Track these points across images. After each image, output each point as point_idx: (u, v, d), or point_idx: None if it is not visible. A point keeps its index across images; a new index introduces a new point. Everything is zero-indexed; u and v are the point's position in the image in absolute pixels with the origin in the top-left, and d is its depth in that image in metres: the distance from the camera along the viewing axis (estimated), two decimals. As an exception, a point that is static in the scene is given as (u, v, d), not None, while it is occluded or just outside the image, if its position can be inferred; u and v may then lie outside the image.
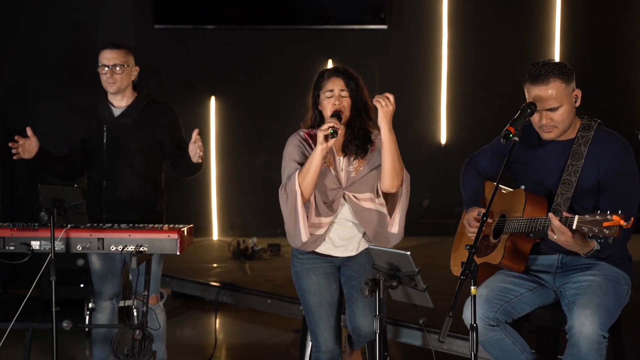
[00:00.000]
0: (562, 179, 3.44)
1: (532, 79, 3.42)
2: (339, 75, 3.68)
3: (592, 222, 3.06)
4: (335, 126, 3.50)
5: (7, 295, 6.76)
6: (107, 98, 4.35)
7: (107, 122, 4.31)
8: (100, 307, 4.38)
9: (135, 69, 4.35)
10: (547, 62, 3.43)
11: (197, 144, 4.09)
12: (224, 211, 8.24)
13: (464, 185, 3.86)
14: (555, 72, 3.38)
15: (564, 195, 3.42)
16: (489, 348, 3.46)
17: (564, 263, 3.51)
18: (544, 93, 3.38)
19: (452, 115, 8.26)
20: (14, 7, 7.60)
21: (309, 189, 3.59)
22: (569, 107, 3.41)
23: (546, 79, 3.37)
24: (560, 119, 3.40)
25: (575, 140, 3.46)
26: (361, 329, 3.70)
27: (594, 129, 3.47)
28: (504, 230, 3.51)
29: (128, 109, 4.32)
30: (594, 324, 3.22)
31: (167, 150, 4.36)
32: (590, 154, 3.42)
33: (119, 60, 4.25)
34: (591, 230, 3.07)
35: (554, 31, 8.15)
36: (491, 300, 3.43)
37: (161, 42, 8.00)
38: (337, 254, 3.77)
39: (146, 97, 4.38)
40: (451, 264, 3.84)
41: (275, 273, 6.56)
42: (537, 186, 3.52)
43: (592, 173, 3.41)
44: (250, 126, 8.21)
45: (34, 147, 4.18)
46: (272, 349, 5.48)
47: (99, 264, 4.31)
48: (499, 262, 3.48)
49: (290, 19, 8.11)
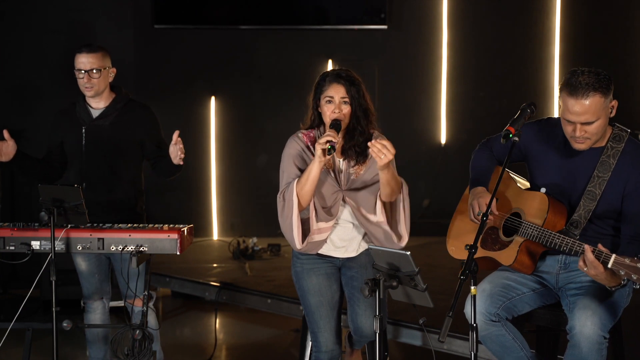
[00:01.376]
0: (587, 190, 3.36)
1: (571, 89, 3.26)
2: (340, 82, 3.64)
3: (630, 268, 3.00)
4: (333, 140, 3.49)
5: (7, 295, 6.76)
6: (84, 99, 4.32)
7: (85, 123, 4.28)
8: (91, 308, 4.37)
9: (112, 71, 4.31)
10: (588, 73, 3.27)
11: (179, 146, 4.07)
12: (224, 211, 8.24)
13: (473, 164, 3.73)
14: (596, 86, 3.24)
15: (586, 207, 3.35)
16: (489, 343, 3.45)
17: (566, 264, 3.50)
18: (581, 108, 3.24)
19: (452, 115, 8.26)
20: (14, 7, 7.60)
21: (306, 198, 3.60)
22: (605, 119, 3.32)
23: (586, 93, 3.23)
24: (595, 131, 3.30)
25: (604, 151, 3.37)
26: (363, 330, 3.70)
27: (625, 140, 3.38)
28: (519, 232, 3.46)
29: (106, 110, 4.29)
30: (595, 324, 3.21)
31: (146, 150, 4.33)
32: (618, 167, 3.34)
33: (96, 65, 4.21)
34: (628, 275, 3.01)
35: (554, 31, 8.15)
36: (494, 296, 3.43)
37: (161, 42, 8.00)
38: (337, 255, 3.76)
39: (124, 98, 4.35)
40: (448, 243, 3.79)
41: (275, 273, 6.56)
42: (556, 191, 3.44)
43: (618, 187, 3.33)
44: (250, 126, 8.21)
45: (11, 149, 4.14)
46: (272, 349, 5.48)
47: (85, 265, 4.29)
48: (511, 264, 3.46)
49: (290, 19, 8.11)
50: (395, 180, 3.58)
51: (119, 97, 4.33)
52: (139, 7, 7.89)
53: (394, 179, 3.56)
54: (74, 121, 4.30)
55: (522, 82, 8.05)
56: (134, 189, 4.35)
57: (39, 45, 7.59)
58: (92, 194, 4.22)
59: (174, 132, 4.06)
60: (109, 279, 4.39)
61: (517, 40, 8.16)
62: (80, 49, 4.25)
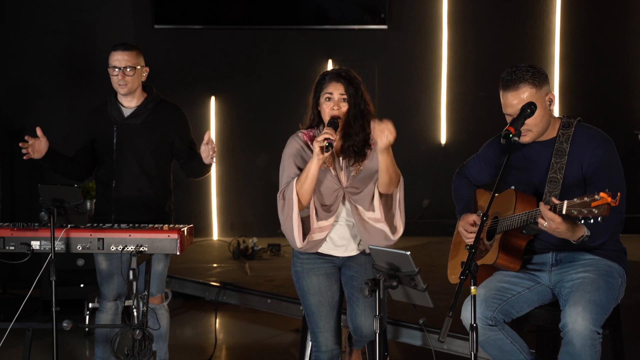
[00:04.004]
0: (549, 177, 3.47)
1: (504, 84, 3.45)
2: (339, 80, 3.66)
3: (581, 205, 3.08)
4: (330, 138, 3.50)
5: (7, 295, 6.76)
6: (116, 98, 4.35)
7: (116, 122, 4.31)
8: (104, 308, 4.38)
9: (146, 70, 4.35)
10: (518, 67, 3.45)
11: (210, 145, 4.10)
12: (224, 211, 8.24)
13: (455, 195, 3.88)
14: (526, 77, 3.41)
15: (552, 192, 3.45)
16: (487, 348, 3.47)
17: (558, 260, 3.52)
18: (515, 99, 3.41)
19: (452, 115, 8.27)
20: (15, 7, 7.60)
21: (306, 197, 3.61)
22: (542, 110, 3.43)
23: (516, 84, 3.41)
24: (533, 122, 3.42)
25: (556, 139, 3.50)
26: (363, 329, 3.70)
27: (574, 125, 3.50)
28: (497, 230, 3.53)
29: (138, 110, 4.32)
30: (586, 319, 3.23)
31: (177, 150, 4.36)
32: (572, 150, 3.46)
33: (130, 62, 4.25)
34: (581, 213, 3.08)
35: (554, 31, 8.15)
36: (489, 299, 3.44)
37: (161, 42, 8.00)
38: (337, 254, 3.77)
39: (156, 98, 4.38)
40: (448, 273, 3.85)
41: (275, 273, 6.56)
42: (525, 187, 3.56)
43: (576, 168, 3.45)
44: (250, 126, 8.21)
45: (44, 147, 4.17)
46: (272, 349, 5.48)
47: (105, 265, 4.31)
48: (494, 261, 3.49)
49: (290, 19, 8.11)
50: (394, 168, 3.61)
51: (151, 96, 4.36)
52: (139, 7, 7.90)
53: (393, 166, 3.59)
54: (106, 119, 4.32)
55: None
56: (163, 189, 4.38)
57: (39, 45, 7.60)
58: (122, 192, 4.26)
59: (206, 132, 4.09)
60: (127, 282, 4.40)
61: (517, 40, 8.17)
62: (115, 47, 4.30)
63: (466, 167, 3.90)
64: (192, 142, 4.40)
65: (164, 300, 4.42)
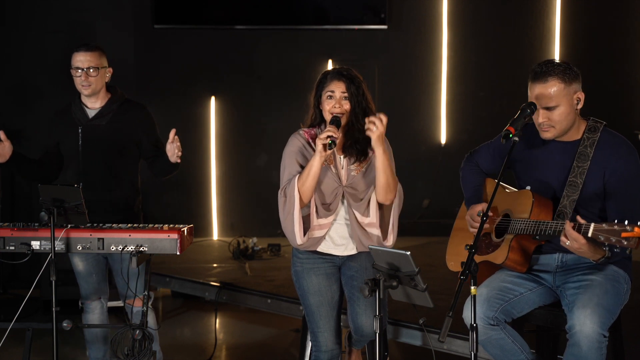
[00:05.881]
0: (568, 180, 3.42)
1: (534, 76, 3.42)
2: (341, 79, 3.67)
3: (609, 232, 3.04)
4: (333, 136, 3.51)
5: (7, 295, 6.76)
6: (80, 99, 4.33)
7: (81, 123, 4.28)
8: (89, 308, 4.37)
9: (109, 70, 4.32)
10: (552, 61, 3.43)
11: (176, 144, 4.08)
12: (224, 211, 8.24)
13: (464, 182, 3.84)
14: (556, 71, 3.38)
15: (570, 197, 3.40)
16: (488, 348, 3.46)
17: (564, 262, 3.51)
18: (542, 91, 3.38)
19: (452, 115, 8.26)
20: (14, 7, 7.60)
21: (307, 194, 3.61)
22: (568, 108, 3.39)
23: (545, 77, 3.38)
24: (557, 119, 3.39)
25: (581, 142, 3.44)
26: (363, 329, 3.70)
27: (600, 130, 3.45)
28: (509, 230, 3.49)
29: (102, 110, 4.30)
30: (594, 323, 3.22)
31: (144, 150, 4.34)
32: (596, 156, 3.41)
33: (93, 63, 4.22)
34: (608, 240, 3.05)
35: (554, 31, 8.15)
36: (491, 299, 3.43)
37: (161, 42, 8.00)
38: (337, 253, 3.77)
39: (120, 98, 4.36)
40: (447, 259, 3.83)
41: (275, 273, 6.56)
42: (541, 187, 3.50)
43: (597, 176, 3.39)
44: (250, 126, 8.21)
45: (7, 150, 4.14)
46: (272, 349, 5.48)
47: (82, 265, 4.29)
48: (503, 262, 3.47)
49: (290, 19, 8.11)
50: (391, 169, 3.62)
51: (115, 96, 4.34)
52: (139, 7, 7.89)
53: (390, 165, 3.60)
54: (70, 121, 4.30)
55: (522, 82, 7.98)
56: (131, 189, 4.36)
57: (39, 45, 7.59)
58: (90, 194, 4.22)
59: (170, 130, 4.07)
60: (106, 279, 4.40)
61: (517, 40, 8.16)
62: (77, 48, 4.27)
63: (477, 154, 3.83)
64: (158, 141, 4.35)
65: None
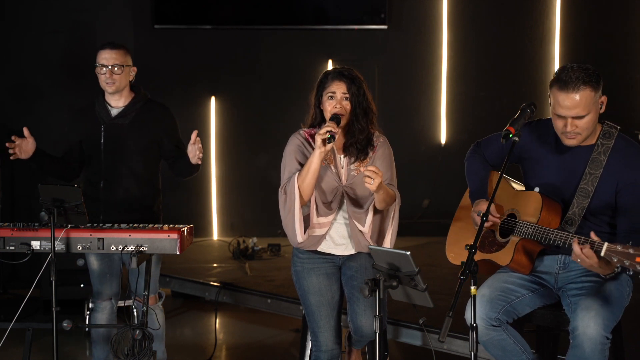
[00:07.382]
0: (579, 187, 3.38)
1: (561, 84, 3.29)
2: (342, 79, 3.68)
3: (623, 254, 3.02)
4: (333, 130, 3.51)
5: (7, 295, 6.76)
6: (104, 98, 4.34)
7: (104, 122, 4.30)
8: (99, 307, 4.37)
9: (133, 69, 4.34)
10: (577, 68, 3.30)
11: (197, 145, 4.10)
12: (224, 211, 8.24)
13: (469, 173, 3.76)
14: (586, 80, 3.27)
15: (579, 204, 3.37)
16: (490, 348, 3.46)
17: (566, 264, 3.50)
18: (571, 102, 3.27)
19: (452, 115, 8.26)
20: (14, 7, 7.60)
21: (308, 191, 3.61)
22: (595, 114, 3.34)
23: (576, 87, 3.26)
24: (585, 126, 3.32)
25: (595, 148, 3.39)
26: (363, 329, 3.70)
27: (615, 137, 3.40)
28: (515, 232, 3.47)
29: (125, 109, 4.31)
30: (598, 325, 3.21)
31: (165, 150, 4.36)
32: (609, 164, 3.36)
33: (118, 61, 4.24)
34: (621, 262, 3.03)
35: (554, 31, 8.15)
36: (494, 300, 3.42)
37: (161, 42, 8.00)
38: (337, 252, 3.77)
39: (143, 98, 4.38)
40: (447, 250, 3.81)
41: (275, 273, 6.56)
42: (550, 189, 3.46)
43: (610, 185, 3.35)
44: (250, 126, 8.21)
45: (31, 147, 4.16)
46: (272, 349, 5.48)
47: (98, 264, 4.30)
48: (508, 264, 3.46)
49: (290, 19, 8.11)
50: (389, 195, 3.63)
51: (138, 96, 4.36)
52: (139, 7, 7.89)
53: (388, 195, 3.62)
54: (93, 120, 4.31)
55: (522, 82, 8.05)
56: (151, 189, 4.37)
57: (39, 45, 7.59)
58: (110, 193, 4.25)
59: (192, 131, 4.09)
60: (120, 280, 4.40)
61: (517, 40, 8.16)
62: (103, 45, 4.29)
63: (484, 145, 3.76)
64: (179, 142, 4.38)
65: (158, 300, 4.42)
